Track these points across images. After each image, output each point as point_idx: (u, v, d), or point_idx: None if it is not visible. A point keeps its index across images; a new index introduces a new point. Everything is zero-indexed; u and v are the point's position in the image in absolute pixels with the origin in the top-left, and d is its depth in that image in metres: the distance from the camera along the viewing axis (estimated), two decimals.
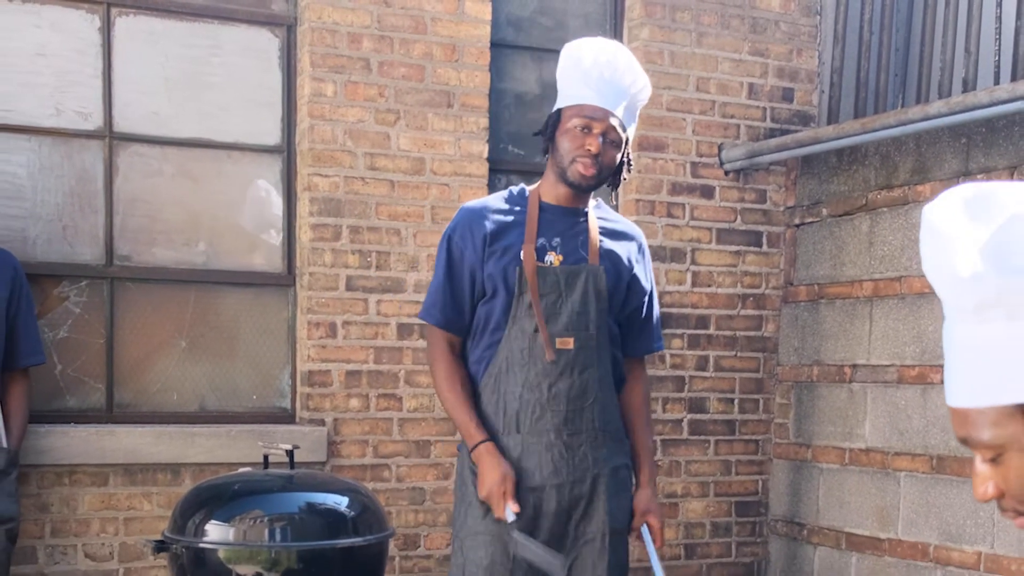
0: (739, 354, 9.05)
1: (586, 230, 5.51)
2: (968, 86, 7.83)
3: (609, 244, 5.56)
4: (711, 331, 8.93)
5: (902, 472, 8.12)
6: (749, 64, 8.98)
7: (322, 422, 7.86)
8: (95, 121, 7.61)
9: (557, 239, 5.45)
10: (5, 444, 6.54)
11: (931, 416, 7.91)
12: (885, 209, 8.30)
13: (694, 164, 8.85)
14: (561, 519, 5.42)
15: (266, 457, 6.57)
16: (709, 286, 8.92)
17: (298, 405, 7.98)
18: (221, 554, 5.97)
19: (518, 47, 8.59)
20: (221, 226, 7.94)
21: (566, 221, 5.50)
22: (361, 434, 7.92)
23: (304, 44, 7.86)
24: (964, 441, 2.30)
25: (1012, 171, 7.43)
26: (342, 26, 7.83)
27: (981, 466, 2.32)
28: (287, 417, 8.01)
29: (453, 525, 5.67)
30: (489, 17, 8.19)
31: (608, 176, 5.46)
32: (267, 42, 7.99)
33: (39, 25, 7.46)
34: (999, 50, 7.76)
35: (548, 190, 5.51)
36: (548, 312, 5.35)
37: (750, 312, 9.07)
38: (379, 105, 7.93)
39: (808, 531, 8.89)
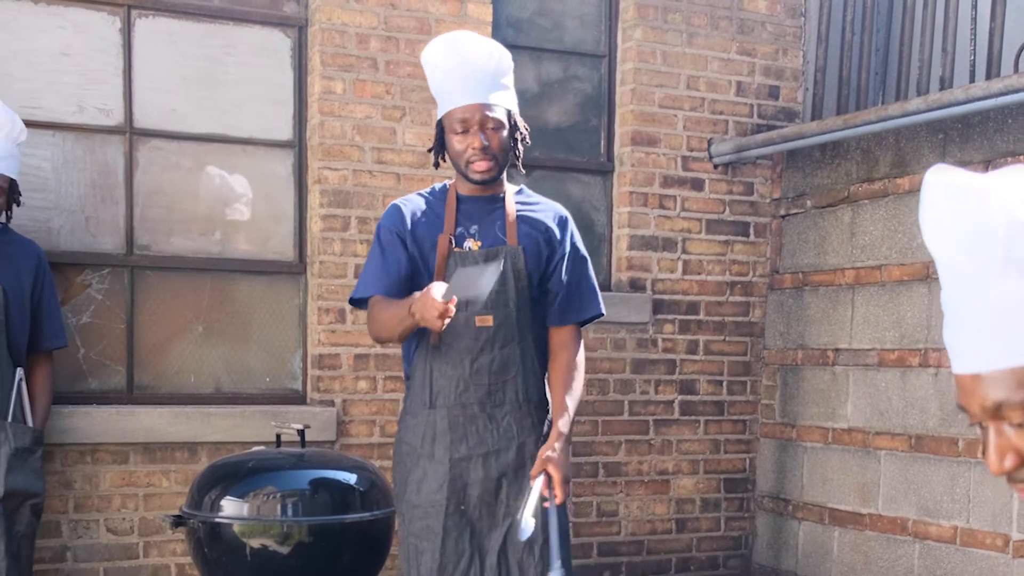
0: (727, 338, 9.04)
1: (503, 215, 5.54)
2: (945, 84, 7.84)
3: (528, 225, 5.57)
4: (701, 317, 8.92)
5: (882, 451, 8.11)
6: (737, 63, 8.97)
7: (332, 403, 7.86)
8: (116, 117, 7.61)
9: (475, 227, 5.49)
10: (31, 423, 6.53)
11: (910, 397, 7.91)
12: (866, 201, 8.28)
13: (685, 158, 8.84)
14: (490, 487, 5.43)
15: (278, 436, 6.56)
16: (699, 274, 8.91)
17: (309, 387, 7.97)
18: (236, 528, 5.96)
19: (517, 47, 8.52)
20: (236, 217, 7.92)
21: (483, 209, 5.53)
22: (369, 414, 7.91)
23: (315, 44, 7.85)
24: (994, 409, 2.12)
25: (986, 165, 7.41)
26: (351, 27, 7.82)
27: (1002, 437, 2.15)
28: (298, 398, 8.00)
29: (395, 500, 5.69)
30: (490, 19, 8.18)
31: (506, 158, 5.47)
32: (279, 42, 7.97)
33: (63, 26, 7.46)
34: (974, 50, 7.78)
35: (462, 184, 5.55)
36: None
37: (738, 299, 9.06)
38: (386, 102, 7.92)
39: (793, 507, 8.88)
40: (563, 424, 5.44)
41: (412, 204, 5.58)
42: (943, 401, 7.54)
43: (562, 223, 5.67)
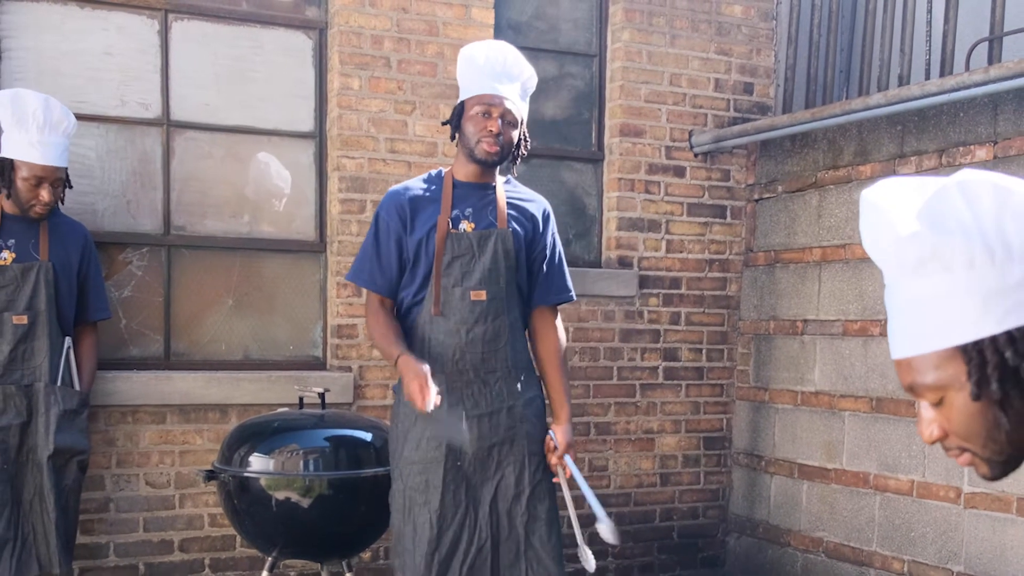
0: (706, 311, 9.02)
1: (495, 201, 5.63)
2: (903, 81, 7.82)
3: (516, 212, 5.66)
4: (682, 291, 8.90)
5: (846, 412, 8.09)
6: (715, 62, 8.94)
7: (349, 369, 7.84)
8: (154, 111, 7.58)
9: (469, 209, 5.57)
10: (78, 387, 6.53)
11: (871, 363, 7.89)
12: (832, 186, 8.26)
13: (668, 148, 8.82)
14: (483, 446, 5.49)
15: (301, 399, 6.54)
16: (681, 252, 8.89)
17: (329, 354, 7.94)
18: (262, 482, 5.95)
19: (517, 47, 8.52)
20: (262, 201, 7.90)
21: (477, 195, 5.62)
22: (382, 379, 7.89)
23: (334, 45, 7.82)
24: (910, 389, 2.27)
25: (940, 154, 7.39)
26: (366, 30, 7.80)
27: (926, 411, 2.29)
28: (319, 364, 7.98)
29: (391, 457, 5.68)
30: (492, 22, 8.16)
31: (509, 152, 5.58)
32: (302, 43, 7.94)
33: (106, 28, 7.44)
34: (929, 49, 7.76)
35: (460, 170, 5.64)
36: (464, 269, 5.48)
37: (716, 275, 9.04)
38: (398, 97, 7.90)
39: (766, 462, 8.86)
40: (568, 409, 5.72)
41: (411, 189, 5.69)
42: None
43: (545, 216, 5.80)
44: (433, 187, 5.66)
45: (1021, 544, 6.86)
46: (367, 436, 6.20)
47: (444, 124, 5.78)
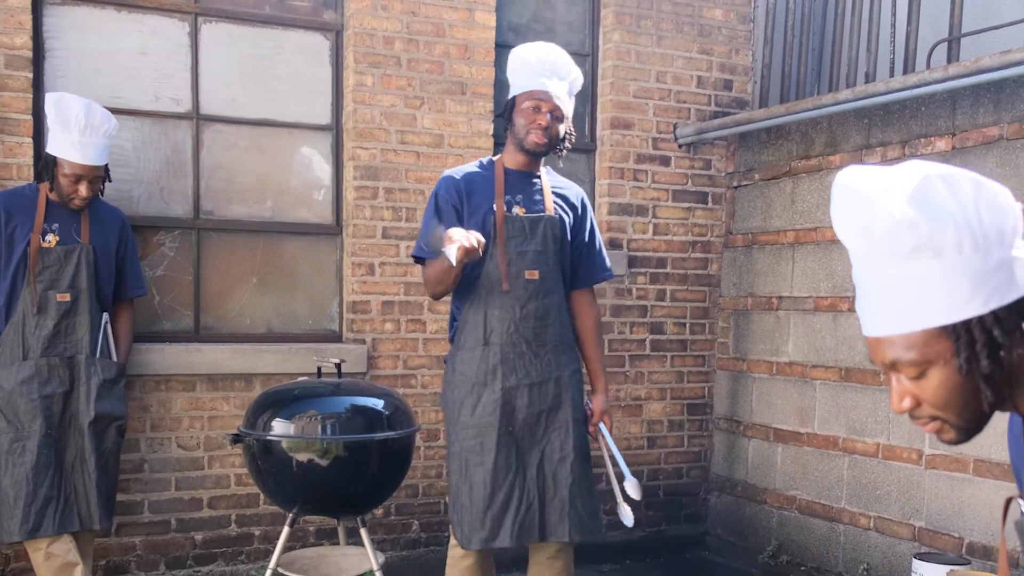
0: (690, 288, 9.00)
1: (541, 189, 5.68)
2: (869, 78, 7.82)
3: (560, 200, 5.71)
4: (668, 270, 8.89)
5: (817, 380, 8.09)
6: (698, 61, 8.92)
7: (363, 341, 7.83)
8: (185, 105, 7.55)
9: (520, 195, 5.62)
10: (115, 359, 6.54)
11: (840, 336, 7.88)
12: (804, 175, 8.24)
13: (655, 139, 8.80)
14: (533, 411, 5.52)
15: (319, 368, 6.53)
16: (666, 235, 8.87)
17: (344, 328, 7.93)
18: (284, 445, 5.94)
19: (516, 48, 8.53)
20: (284, 188, 7.88)
21: (525, 182, 5.67)
22: (394, 351, 7.88)
23: (349, 45, 7.80)
24: (889, 364, 2.29)
25: (903, 145, 7.38)
26: (379, 31, 7.77)
27: (900, 384, 2.32)
28: (336, 337, 7.97)
29: (447, 422, 5.73)
30: (494, 24, 8.14)
31: (556, 144, 5.63)
32: (320, 43, 7.91)
33: (141, 30, 7.42)
34: (893, 49, 7.77)
35: (509, 159, 5.68)
36: (518, 250, 5.51)
37: (698, 255, 9.03)
38: (408, 93, 7.87)
39: (744, 427, 8.85)
40: (604, 380, 5.82)
41: (466, 175, 5.69)
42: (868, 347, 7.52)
43: (584, 204, 5.88)
44: (486, 173, 5.68)
45: (977, 501, 6.86)
46: (380, 403, 6.19)
47: (497, 116, 5.81)
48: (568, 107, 5.62)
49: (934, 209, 2.15)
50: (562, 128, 5.59)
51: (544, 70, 5.52)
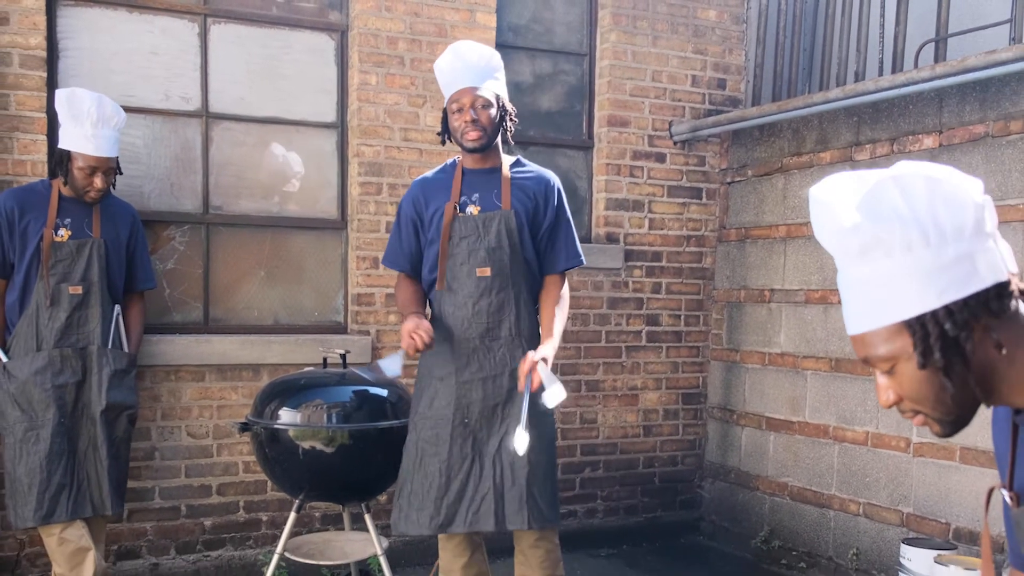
0: (684, 281, 9.01)
1: (499, 184, 5.61)
2: (859, 77, 7.81)
3: (519, 191, 5.62)
4: (663, 263, 8.89)
5: (808, 371, 8.09)
6: (692, 60, 8.92)
7: (368, 332, 7.83)
8: (195, 104, 7.55)
9: (476, 194, 5.58)
10: (127, 349, 6.54)
11: (830, 328, 7.89)
12: (796, 171, 8.25)
13: (650, 136, 8.80)
14: (488, 404, 5.50)
15: (325, 359, 6.54)
16: (662, 229, 8.88)
17: (349, 319, 7.94)
18: (291, 433, 5.94)
19: (516, 47, 8.53)
20: (291, 183, 7.88)
21: (483, 180, 5.62)
22: (396, 342, 7.87)
23: (354, 45, 7.80)
24: (866, 360, 2.32)
25: (892, 142, 7.38)
26: (383, 32, 7.77)
27: (881, 379, 2.35)
28: (341, 328, 7.97)
29: (410, 412, 5.72)
30: (494, 25, 8.14)
31: (495, 131, 5.56)
32: (326, 44, 7.91)
33: (152, 31, 7.41)
34: (882, 49, 7.75)
35: (466, 159, 5.66)
36: (470, 248, 5.51)
37: (693, 249, 9.03)
38: (411, 92, 7.88)
39: (737, 415, 8.86)
40: (547, 347, 5.46)
41: (426, 181, 5.73)
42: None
43: (549, 189, 5.71)
44: (446, 176, 5.67)
45: (963, 488, 6.87)
46: (383, 392, 6.20)
47: (438, 134, 5.77)
48: (491, 89, 5.53)
49: (881, 211, 2.19)
50: (492, 112, 5.50)
51: (453, 70, 5.50)
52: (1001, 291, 2.22)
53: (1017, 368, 2.26)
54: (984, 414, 2.45)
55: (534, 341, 5.62)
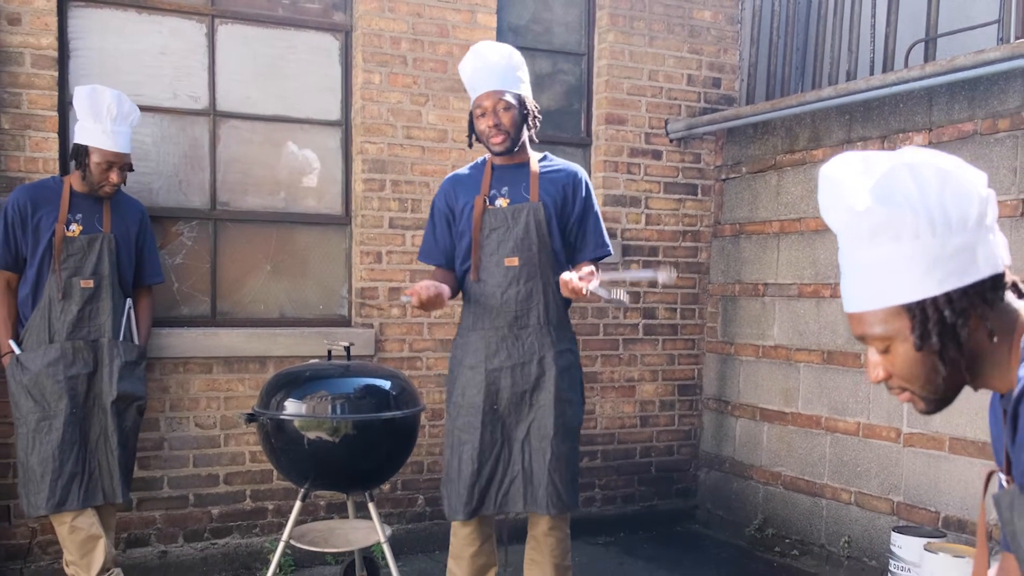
0: (680, 275, 9.01)
1: (527, 177, 5.64)
2: (850, 76, 7.82)
3: (548, 184, 5.65)
4: (660, 258, 8.89)
5: (801, 363, 8.10)
6: (688, 60, 8.92)
7: (371, 325, 7.84)
8: (202, 102, 7.56)
9: (505, 188, 5.63)
10: (136, 342, 6.56)
11: (823, 321, 7.89)
12: (789, 168, 8.25)
13: (647, 134, 8.80)
14: (517, 391, 5.56)
15: (329, 351, 6.53)
16: (658, 224, 8.88)
17: (353, 313, 7.94)
18: (296, 424, 5.93)
19: (516, 47, 8.50)
20: (296, 180, 7.89)
21: (512, 174, 5.67)
22: (400, 334, 7.89)
23: (358, 45, 7.80)
24: (861, 338, 2.37)
25: (883, 140, 7.38)
26: (386, 32, 7.78)
27: (874, 356, 2.40)
28: (345, 322, 7.97)
29: (446, 400, 5.85)
30: (495, 25, 8.15)
31: (519, 132, 5.59)
32: (330, 43, 7.92)
33: (161, 31, 7.42)
34: (873, 49, 7.76)
35: (495, 157, 5.70)
36: (500, 239, 5.56)
37: (689, 244, 9.03)
38: (413, 90, 7.88)
39: (732, 407, 8.86)
40: (588, 269, 5.39)
41: (460, 177, 5.82)
42: (848, 325, 7.54)
43: (577, 182, 5.76)
44: (476, 172, 5.75)
45: (952, 477, 6.88)
46: (387, 384, 6.19)
47: (468, 137, 5.80)
48: (513, 90, 5.55)
49: (894, 197, 2.23)
50: (515, 114, 5.54)
51: (475, 72, 5.53)
52: (996, 282, 2.28)
53: (1003, 355, 2.32)
54: (970, 404, 2.49)
55: (562, 329, 5.70)
